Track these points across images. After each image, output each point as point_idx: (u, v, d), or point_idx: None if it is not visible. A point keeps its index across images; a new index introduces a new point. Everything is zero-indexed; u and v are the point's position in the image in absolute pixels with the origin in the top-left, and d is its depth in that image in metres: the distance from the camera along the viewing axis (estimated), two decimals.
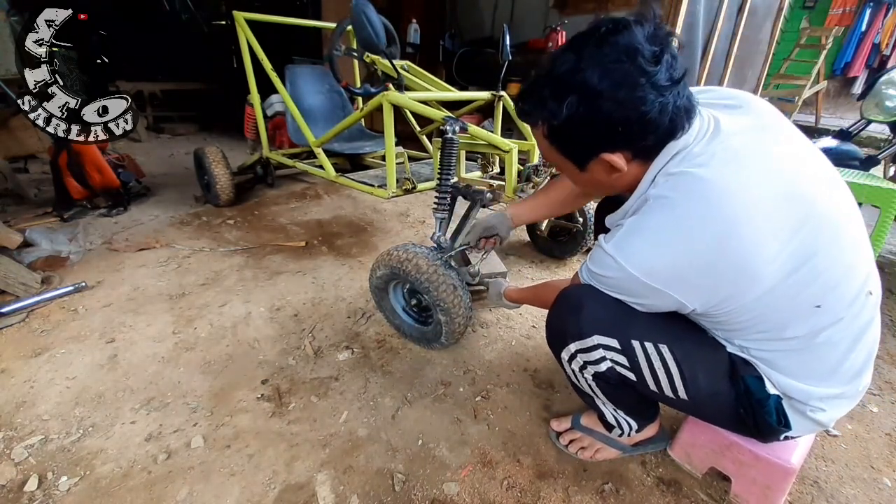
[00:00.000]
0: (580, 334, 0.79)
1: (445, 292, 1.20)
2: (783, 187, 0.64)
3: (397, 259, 1.26)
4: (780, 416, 0.74)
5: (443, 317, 1.24)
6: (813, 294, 0.65)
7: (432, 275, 1.20)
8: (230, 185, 2.50)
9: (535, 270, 2.00)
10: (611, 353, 0.78)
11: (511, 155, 1.53)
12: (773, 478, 0.89)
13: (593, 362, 0.80)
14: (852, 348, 0.69)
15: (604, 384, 0.85)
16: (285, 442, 1.06)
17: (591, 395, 0.90)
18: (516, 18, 3.68)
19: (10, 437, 1.04)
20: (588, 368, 0.82)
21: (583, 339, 0.79)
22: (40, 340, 1.38)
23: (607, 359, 0.79)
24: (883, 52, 5.19)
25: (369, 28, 1.42)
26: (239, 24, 2.20)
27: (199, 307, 1.60)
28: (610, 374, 0.81)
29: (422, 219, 2.60)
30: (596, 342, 0.78)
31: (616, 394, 0.88)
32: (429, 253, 1.25)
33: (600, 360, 0.80)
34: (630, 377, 0.79)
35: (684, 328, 0.79)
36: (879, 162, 2.15)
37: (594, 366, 0.81)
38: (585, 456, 1.03)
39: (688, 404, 0.80)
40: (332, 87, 2.71)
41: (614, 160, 0.68)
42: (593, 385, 0.86)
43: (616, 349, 0.78)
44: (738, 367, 0.75)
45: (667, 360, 0.76)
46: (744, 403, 0.76)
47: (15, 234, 1.79)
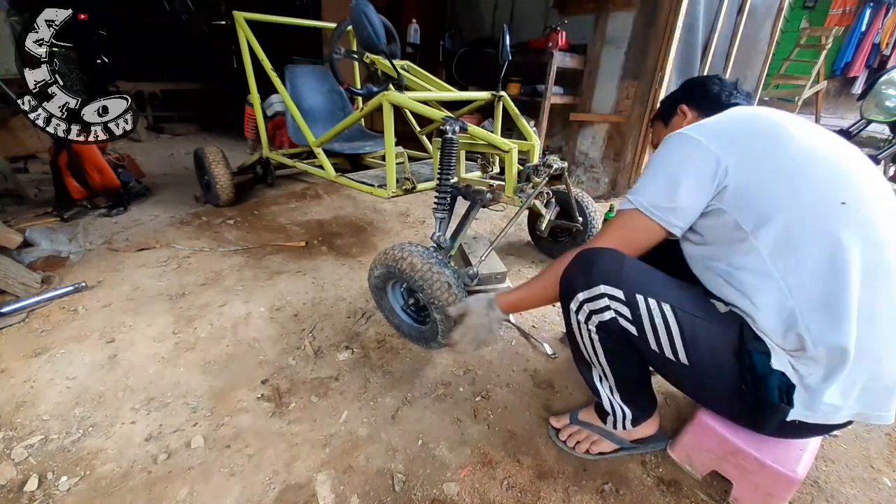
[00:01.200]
0: (588, 283, 0.83)
1: (440, 290, 1.19)
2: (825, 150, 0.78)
3: (392, 258, 1.25)
4: (781, 394, 0.73)
5: (438, 315, 1.23)
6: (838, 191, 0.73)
7: (426, 273, 1.19)
8: (230, 185, 2.50)
9: (534, 270, 2.00)
10: (615, 303, 0.81)
11: (511, 155, 1.53)
12: (776, 486, 0.89)
13: (597, 311, 0.83)
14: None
15: (605, 337, 0.86)
16: (285, 442, 1.06)
17: (592, 357, 0.91)
18: (516, 18, 3.68)
19: (10, 437, 1.04)
20: (592, 318, 0.84)
21: (590, 287, 0.83)
22: (40, 340, 1.38)
23: (611, 308, 0.81)
24: (883, 52, 5.19)
25: (369, 28, 1.42)
26: (239, 24, 2.20)
27: (199, 307, 1.60)
28: (612, 325, 0.82)
29: (422, 219, 2.60)
30: (601, 291, 0.81)
31: (616, 355, 0.89)
32: (424, 251, 1.24)
33: (604, 310, 0.82)
34: (632, 331, 0.81)
35: (692, 297, 0.82)
36: (879, 162, 2.16)
37: (598, 315, 0.83)
38: (583, 449, 1.04)
39: (688, 372, 0.81)
40: (332, 87, 2.71)
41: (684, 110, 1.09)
42: (595, 340, 0.87)
43: (620, 300, 0.80)
44: (746, 342, 0.76)
45: (668, 318, 0.78)
46: (746, 379, 0.76)
47: (15, 234, 1.79)
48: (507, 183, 1.60)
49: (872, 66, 5.24)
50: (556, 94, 3.13)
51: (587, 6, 3.02)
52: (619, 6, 2.87)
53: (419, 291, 1.23)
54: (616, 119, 3.07)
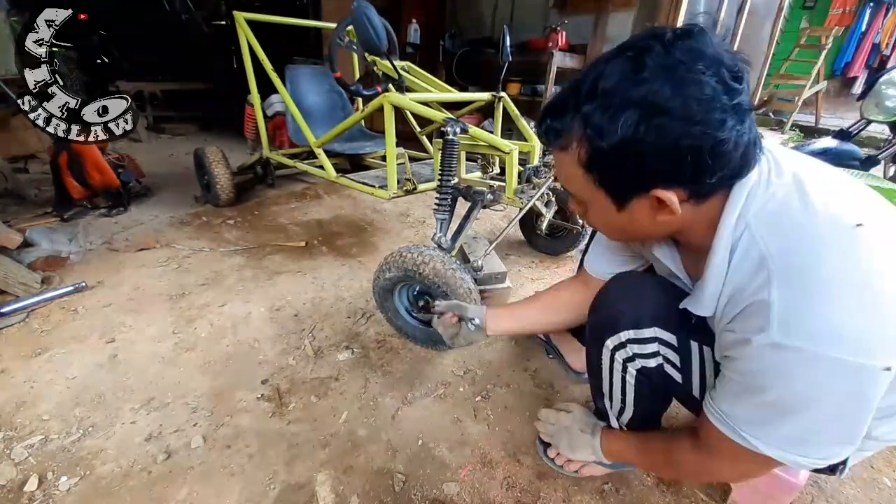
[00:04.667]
0: (638, 323, 0.73)
1: (463, 296, 1.18)
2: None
3: (413, 262, 1.21)
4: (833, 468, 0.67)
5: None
6: None
7: (450, 279, 1.18)
8: (230, 185, 2.50)
9: (534, 270, 2.00)
10: (665, 348, 0.73)
11: (511, 156, 1.53)
12: (776, 491, 0.89)
13: (645, 356, 0.74)
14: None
15: (643, 382, 0.78)
16: (285, 442, 1.06)
17: (616, 395, 0.84)
18: (516, 18, 3.68)
19: (10, 437, 1.04)
20: (636, 361, 0.76)
21: (639, 328, 0.73)
22: (40, 340, 1.38)
23: (660, 354, 0.73)
24: (883, 52, 5.19)
25: (371, 30, 1.42)
26: (239, 24, 2.20)
27: (199, 307, 1.60)
28: (657, 371, 0.75)
29: (422, 219, 2.60)
30: (653, 335, 0.73)
31: (648, 399, 0.82)
32: (442, 256, 1.22)
33: (653, 355, 0.74)
34: (676, 378, 0.74)
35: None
36: (879, 162, 2.15)
37: (644, 360, 0.75)
38: (572, 469, 1.00)
39: None
40: (332, 87, 2.70)
41: (669, 198, 0.54)
42: (630, 385, 0.79)
43: (672, 346, 0.72)
44: None
45: (707, 361, 0.71)
46: None
47: (15, 234, 1.78)
48: (507, 184, 1.60)
49: (872, 66, 5.24)
50: None
51: (587, 6, 3.03)
52: (619, 6, 2.87)
53: (441, 297, 1.21)
54: None
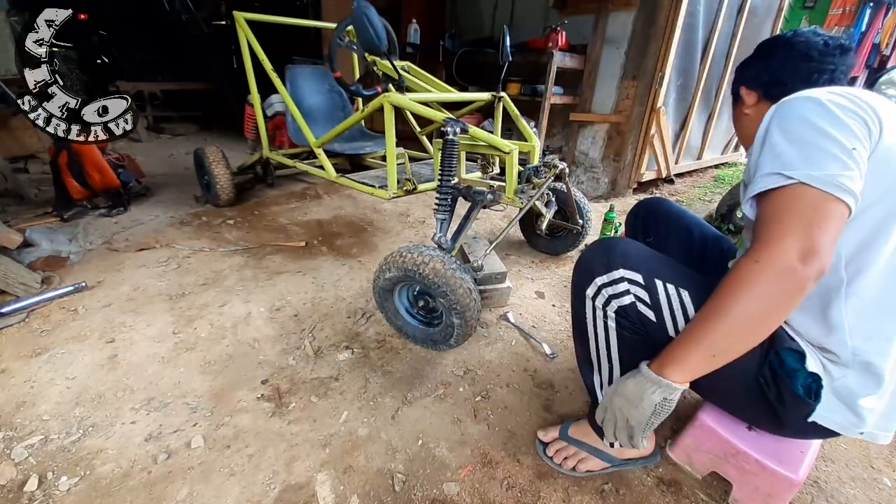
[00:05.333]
0: (608, 266, 0.82)
1: (463, 296, 1.18)
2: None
3: (412, 262, 1.21)
4: (809, 392, 0.71)
5: (457, 320, 1.22)
6: None
7: (450, 279, 1.17)
8: (230, 185, 2.50)
9: (534, 270, 2.00)
10: (634, 286, 0.80)
11: (511, 156, 1.53)
12: (776, 488, 0.89)
13: (617, 295, 0.81)
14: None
15: (622, 324, 0.83)
16: (285, 442, 1.07)
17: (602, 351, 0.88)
18: (516, 18, 3.68)
19: (10, 437, 1.04)
20: (612, 303, 0.82)
21: (609, 271, 0.82)
22: (40, 340, 1.38)
23: (630, 292, 0.80)
24: (883, 52, 5.18)
25: (371, 30, 1.42)
26: (239, 24, 2.20)
27: (199, 307, 1.60)
28: (631, 310, 0.81)
29: (422, 219, 2.60)
30: (621, 275, 0.81)
31: (630, 348, 0.84)
32: (443, 256, 1.22)
33: (624, 294, 0.81)
34: (650, 316, 0.79)
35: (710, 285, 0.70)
36: None
37: (618, 299, 0.81)
38: (570, 465, 1.01)
39: None
40: (332, 87, 2.71)
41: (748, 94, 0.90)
42: (612, 329, 0.84)
43: (640, 284, 0.80)
44: (774, 340, 0.73)
45: (685, 303, 0.77)
46: (765, 374, 0.73)
47: (15, 234, 1.79)
48: (507, 184, 1.60)
49: (872, 66, 5.24)
50: (556, 95, 3.13)
51: (587, 6, 3.03)
52: (619, 6, 2.87)
53: (440, 297, 1.21)
54: (616, 119, 3.07)
